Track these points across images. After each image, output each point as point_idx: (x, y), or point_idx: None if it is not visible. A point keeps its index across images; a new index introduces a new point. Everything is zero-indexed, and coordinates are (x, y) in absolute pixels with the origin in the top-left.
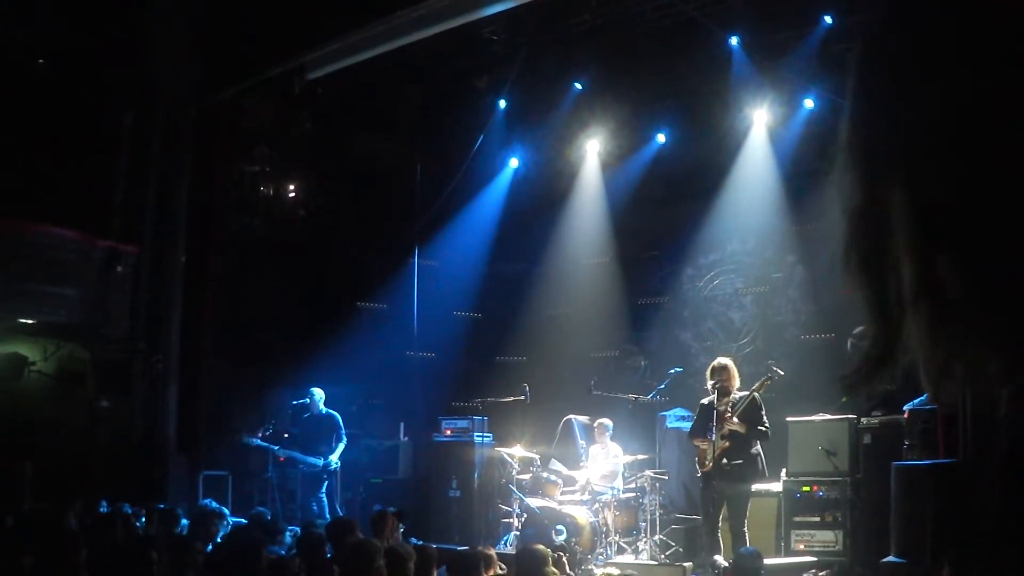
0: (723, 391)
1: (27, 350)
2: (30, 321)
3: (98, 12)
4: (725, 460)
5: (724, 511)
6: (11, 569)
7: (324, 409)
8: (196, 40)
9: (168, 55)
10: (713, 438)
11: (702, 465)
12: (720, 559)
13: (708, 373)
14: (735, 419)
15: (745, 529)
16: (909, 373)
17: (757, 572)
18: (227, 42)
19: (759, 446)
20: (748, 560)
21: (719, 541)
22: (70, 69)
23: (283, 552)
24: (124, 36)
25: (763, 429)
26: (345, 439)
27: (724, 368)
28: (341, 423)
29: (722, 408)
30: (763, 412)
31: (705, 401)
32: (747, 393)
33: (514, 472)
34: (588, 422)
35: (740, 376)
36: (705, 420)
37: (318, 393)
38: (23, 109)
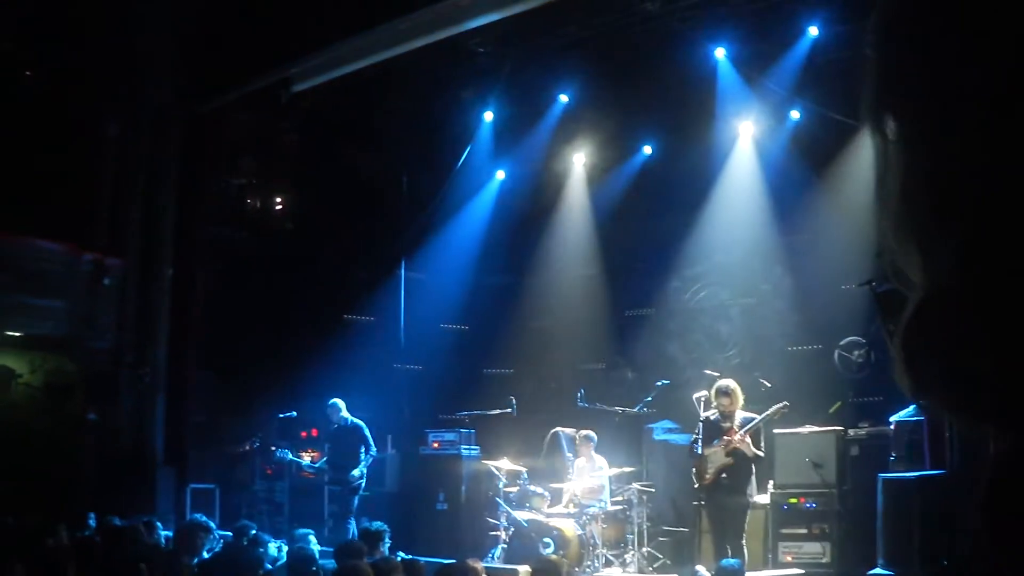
0: (727, 415)
1: (14, 363)
2: (17, 334)
3: (84, 23)
4: (725, 475)
5: (706, 524)
6: None
7: (349, 419)
8: (182, 52)
9: (154, 67)
10: (720, 453)
11: (700, 478)
12: (703, 570)
13: (713, 393)
14: (747, 438)
15: (743, 542)
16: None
17: None
18: (213, 54)
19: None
20: (730, 573)
21: (727, 551)
22: (56, 80)
23: (269, 566)
24: (110, 47)
25: (760, 455)
26: (374, 451)
27: (731, 392)
28: (366, 431)
29: (727, 425)
30: (761, 438)
31: (711, 416)
32: (756, 416)
33: (501, 485)
34: (575, 435)
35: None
36: (709, 434)
37: (340, 403)
38: (8, 120)
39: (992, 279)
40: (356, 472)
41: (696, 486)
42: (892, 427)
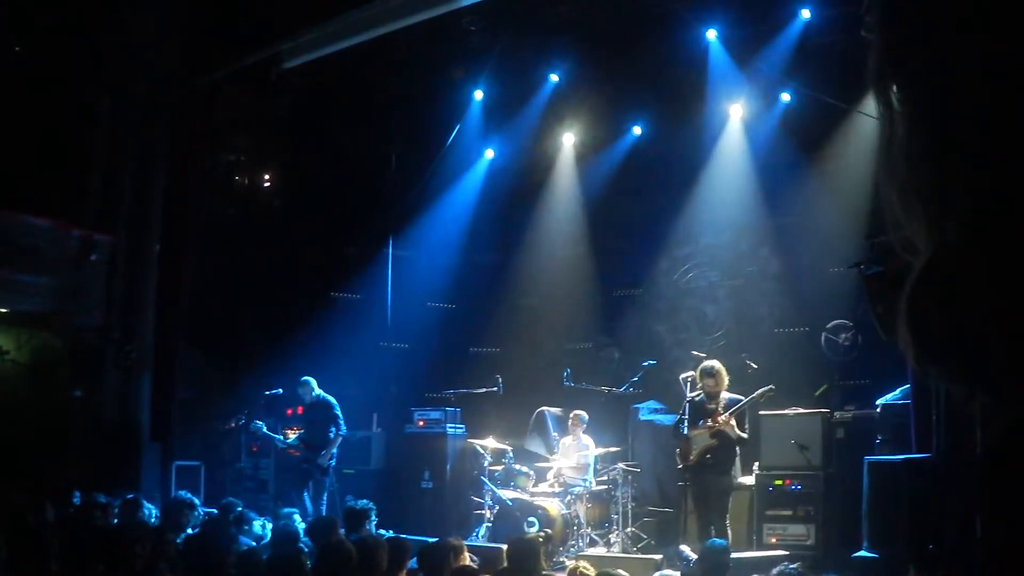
0: (712, 395)
1: (1, 338)
2: (3, 310)
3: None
4: (709, 455)
5: (690, 505)
6: None
7: (319, 393)
8: (173, 27)
9: (145, 42)
10: (705, 435)
11: (685, 459)
12: (687, 550)
13: (699, 374)
14: (732, 420)
15: (727, 523)
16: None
17: (725, 565)
18: (204, 30)
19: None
20: (716, 554)
21: (711, 532)
22: (47, 56)
23: (254, 544)
24: (101, 23)
25: (744, 437)
26: (344, 430)
27: (717, 373)
28: (337, 409)
29: (713, 406)
30: (746, 421)
31: (696, 398)
32: (742, 398)
33: (486, 464)
34: (561, 414)
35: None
36: (695, 415)
37: (311, 380)
38: None
39: (996, 243)
40: (323, 452)
41: (681, 467)
42: (878, 410)
